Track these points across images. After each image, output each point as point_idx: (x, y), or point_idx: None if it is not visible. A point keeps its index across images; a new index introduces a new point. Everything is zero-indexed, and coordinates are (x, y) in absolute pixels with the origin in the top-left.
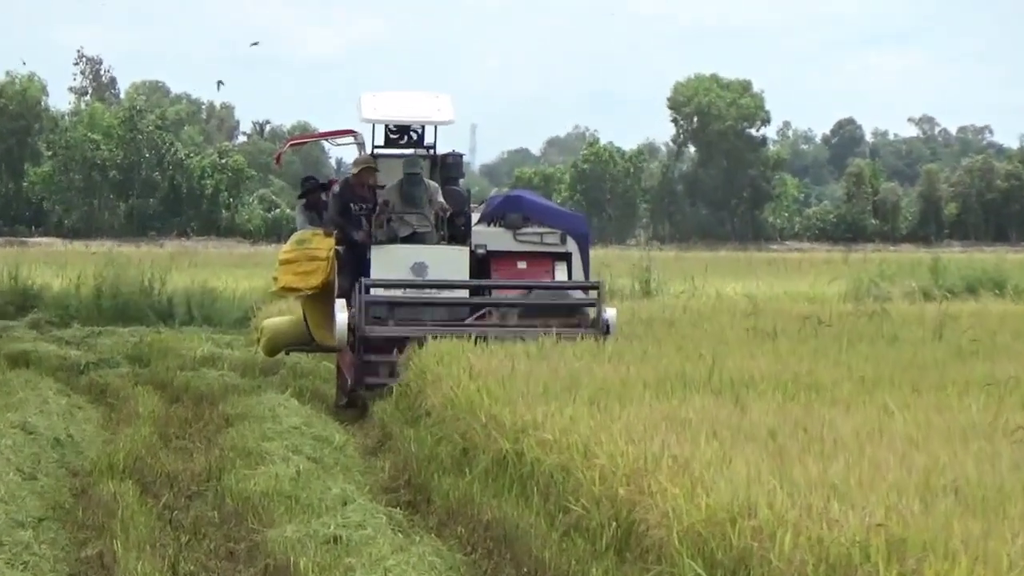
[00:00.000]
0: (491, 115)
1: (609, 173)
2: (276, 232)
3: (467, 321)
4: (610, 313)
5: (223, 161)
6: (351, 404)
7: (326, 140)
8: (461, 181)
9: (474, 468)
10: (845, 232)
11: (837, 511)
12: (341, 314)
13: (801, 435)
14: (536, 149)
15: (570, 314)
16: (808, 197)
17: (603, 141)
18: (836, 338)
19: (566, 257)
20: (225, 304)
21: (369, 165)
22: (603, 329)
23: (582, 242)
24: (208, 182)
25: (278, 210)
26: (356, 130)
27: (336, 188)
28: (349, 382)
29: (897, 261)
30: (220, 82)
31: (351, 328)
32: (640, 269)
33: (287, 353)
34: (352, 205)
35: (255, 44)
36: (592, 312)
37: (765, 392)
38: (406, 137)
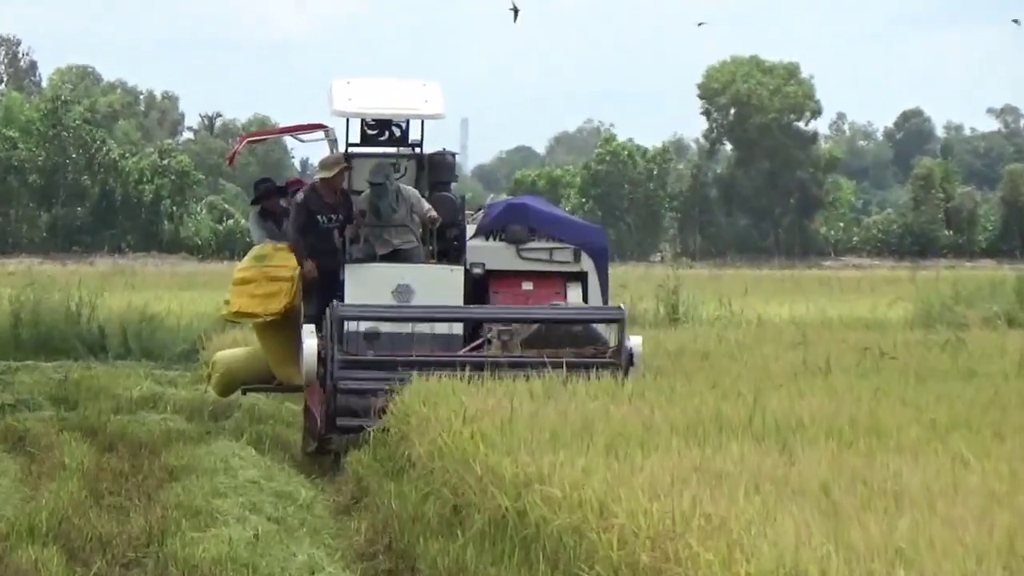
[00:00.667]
0: (486, 107)
1: (628, 176)
2: (228, 247)
3: (461, 353)
4: (634, 343)
5: (165, 162)
6: (321, 451)
7: (290, 136)
8: (453, 186)
9: (467, 530)
10: (912, 245)
11: None
12: (309, 340)
13: (860, 489)
14: (540, 147)
15: (586, 343)
16: (867, 204)
17: (621, 138)
18: (902, 373)
19: (580, 277)
20: (168, 334)
21: (340, 166)
22: (626, 362)
23: (600, 259)
24: (147, 187)
25: (231, 220)
26: (327, 124)
27: (300, 195)
28: (319, 425)
29: (975, 280)
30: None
31: (321, 359)
32: (666, 291)
33: (243, 393)
34: (320, 217)
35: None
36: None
37: (816, 438)
38: (387, 133)
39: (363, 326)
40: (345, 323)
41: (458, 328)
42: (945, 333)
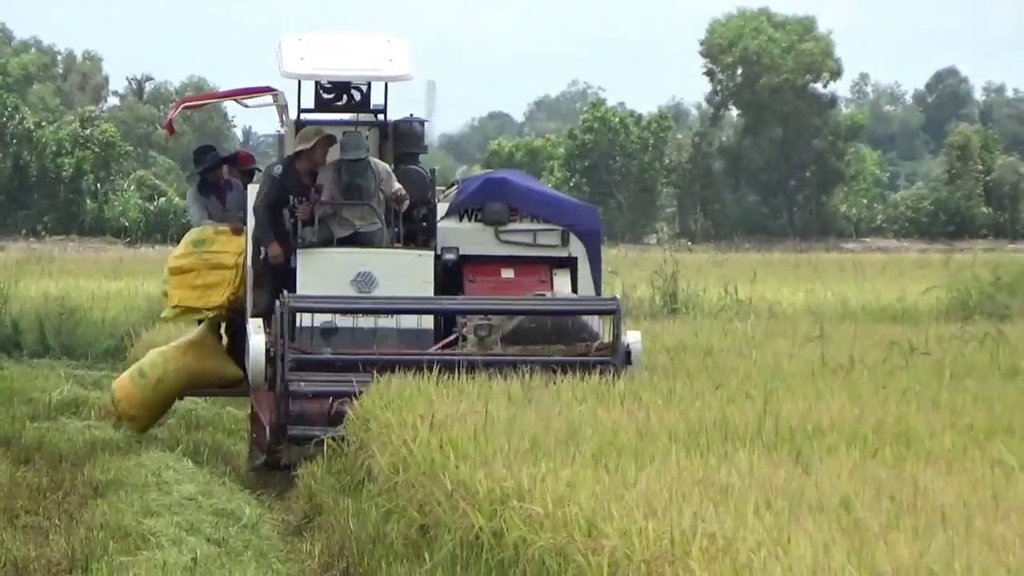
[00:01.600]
0: (456, 68)
1: (620, 145)
2: (160, 228)
3: (431, 351)
4: (633, 338)
5: (87, 132)
6: (271, 465)
7: (234, 101)
8: (421, 158)
9: (436, 552)
10: (946, 225)
11: None
12: (256, 337)
13: (886, 504)
14: (518, 113)
15: (577, 339)
16: (895, 177)
17: (611, 102)
18: (934, 371)
19: (569, 263)
20: (91, 329)
21: (319, 136)
22: (622, 360)
23: (591, 242)
24: (66, 161)
25: (163, 199)
26: (275, 88)
27: (277, 168)
28: (267, 435)
29: (1018, 264)
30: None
31: (270, 358)
32: (663, 277)
33: (180, 397)
34: (292, 198)
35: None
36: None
37: (836, 447)
38: (345, 97)
39: (319, 320)
40: (297, 316)
41: (428, 322)
42: (984, 325)
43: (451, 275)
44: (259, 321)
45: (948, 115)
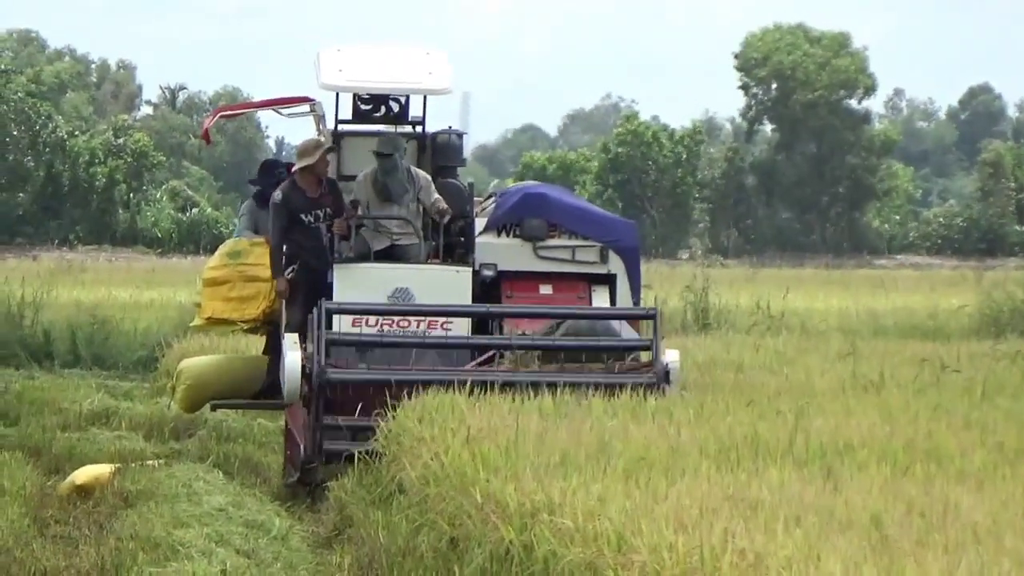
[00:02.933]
0: (490, 80)
1: (652, 160)
2: (193, 239)
3: (467, 367)
4: (671, 357)
5: (120, 141)
6: (304, 482)
7: (271, 110)
8: (460, 171)
9: (466, 566)
10: (978, 242)
11: None
12: (292, 353)
13: (917, 522)
14: (552, 127)
15: (617, 357)
16: (927, 194)
17: (644, 116)
18: (966, 389)
19: (608, 280)
20: (123, 339)
21: (321, 149)
22: (662, 377)
23: (630, 259)
24: (99, 170)
25: (196, 209)
26: (313, 98)
27: (277, 194)
28: (302, 451)
29: None
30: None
31: (306, 375)
32: (695, 292)
33: (212, 409)
34: (304, 216)
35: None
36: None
37: (867, 464)
38: (383, 109)
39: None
40: (334, 320)
41: (467, 282)
42: (1016, 343)
43: (489, 291)
44: (295, 336)
45: (981, 132)
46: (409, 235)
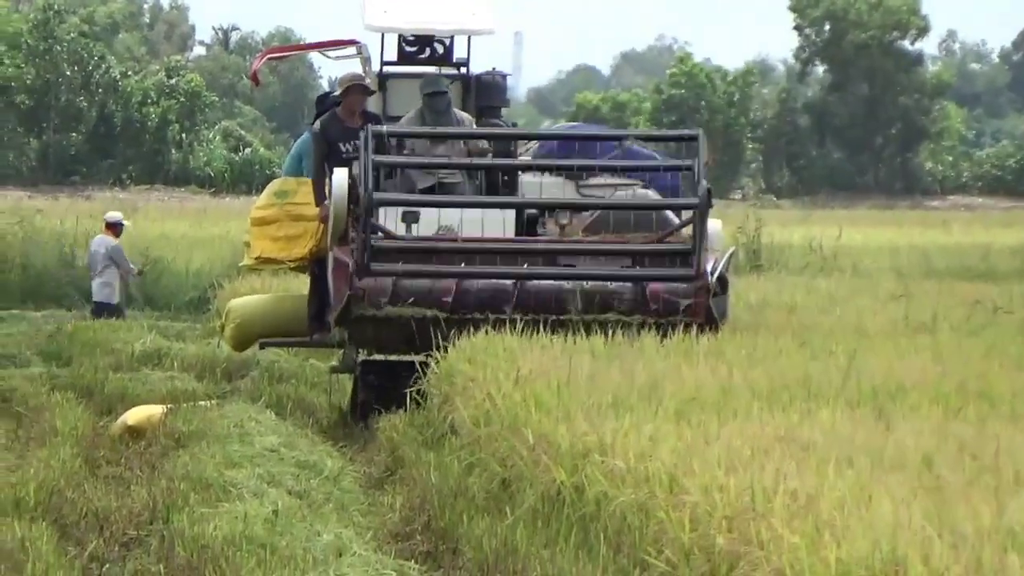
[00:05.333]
0: (541, 20)
1: (706, 101)
2: (246, 180)
3: (512, 237)
4: (713, 227)
5: (172, 82)
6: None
7: (318, 52)
8: (504, 112)
9: (517, 507)
10: None
11: (1018, 568)
12: (340, 172)
13: (967, 463)
14: (605, 67)
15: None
16: (980, 135)
17: (697, 57)
18: (1019, 330)
19: None
20: (175, 279)
21: (358, 83)
22: (698, 247)
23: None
24: (152, 111)
25: (248, 149)
26: (359, 40)
27: (316, 125)
28: (333, 304)
29: None
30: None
31: (352, 197)
32: (747, 233)
33: (261, 347)
34: (341, 145)
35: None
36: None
37: (919, 405)
38: (427, 50)
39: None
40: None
41: (510, 220)
42: None
43: (532, 227)
44: (344, 170)
45: None
46: (453, 174)
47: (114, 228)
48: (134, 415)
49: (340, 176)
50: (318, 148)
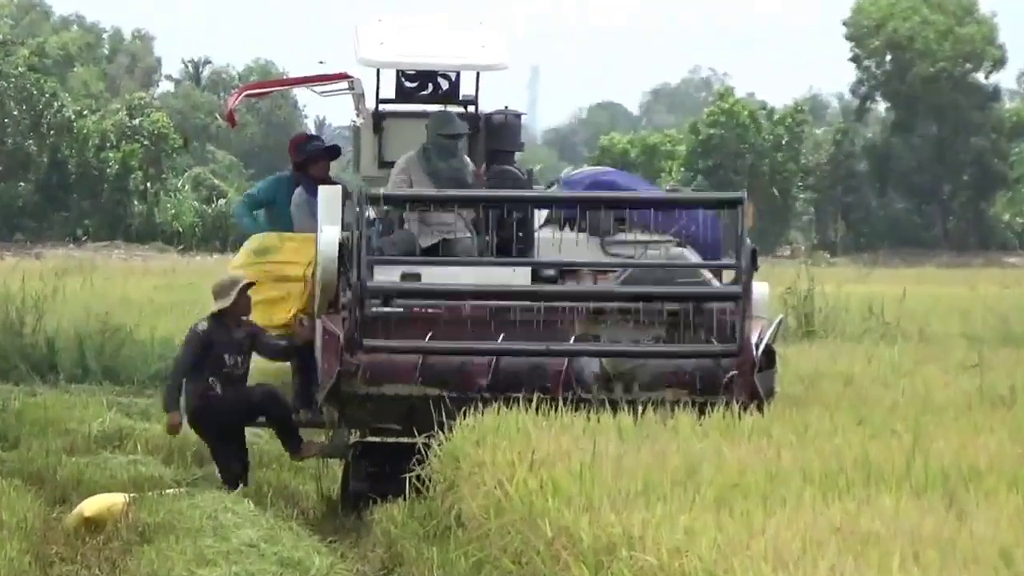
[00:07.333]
0: (560, 52)
1: (750, 143)
2: (219, 235)
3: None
4: (760, 290)
5: (135, 122)
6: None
7: (305, 88)
8: (518, 156)
9: None
10: None
11: None
12: (330, 229)
13: None
14: (632, 104)
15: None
16: None
17: (739, 92)
18: None
19: None
20: (138, 349)
21: (237, 287)
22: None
23: (713, 256)
24: (112, 155)
25: (223, 200)
26: (351, 74)
27: (202, 324)
28: (321, 381)
29: None
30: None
31: (343, 259)
32: (798, 294)
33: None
34: (227, 356)
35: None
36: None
37: (996, 491)
38: (430, 86)
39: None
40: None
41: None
42: None
43: None
44: (334, 230)
45: None
46: (460, 230)
47: None
48: (92, 505)
49: (330, 236)
50: (193, 351)
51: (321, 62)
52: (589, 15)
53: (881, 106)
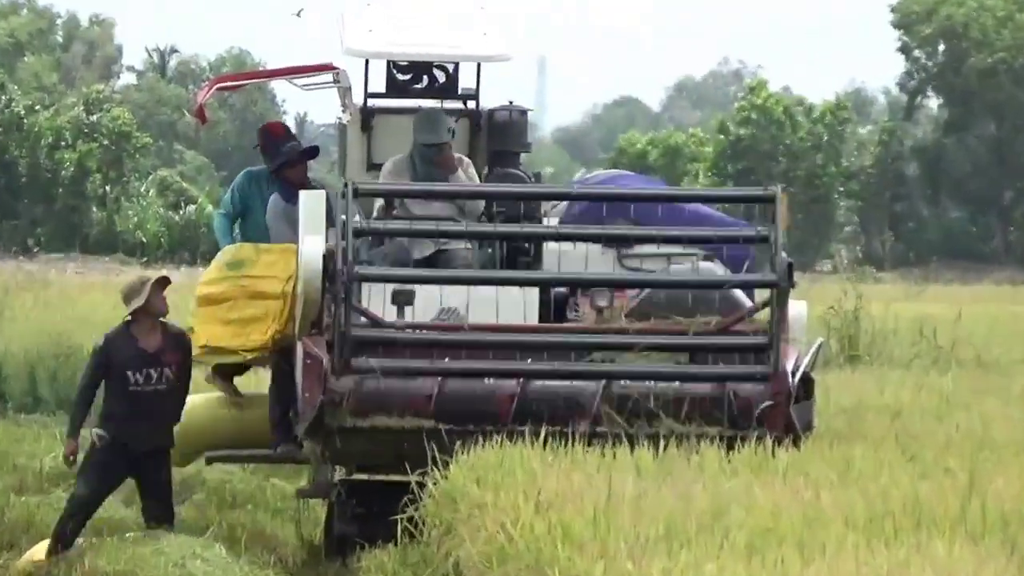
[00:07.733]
0: (571, 42)
1: (785, 144)
2: (188, 246)
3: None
4: (796, 309)
5: (94, 118)
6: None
7: (284, 80)
8: (523, 158)
9: None
10: None
11: None
12: (312, 239)
13: None
14: (653, 100)
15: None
16: None
17: (773, 87)
18: None
19: None
20: None
21: (147, 284)
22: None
23: (741, 270)
24: (67, 156)
25: (192, 207)
26: (336, 66)
27: (102, 339)
28: (302, 411)
29: None
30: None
31: (328, 273)
32: (841, 315)
33: (208, 463)
34: (131, 373)
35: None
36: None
37: None
38: (425, 79)
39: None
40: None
41: (532, 301)
42: None
43: (562, 310)
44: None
45: None
46: (458, 240)
47: None
48: (44, 550)
49: (312, 248)
50: (95, 370)
51: (299, 13)
52: (603, 2)
53: (933, 102)
